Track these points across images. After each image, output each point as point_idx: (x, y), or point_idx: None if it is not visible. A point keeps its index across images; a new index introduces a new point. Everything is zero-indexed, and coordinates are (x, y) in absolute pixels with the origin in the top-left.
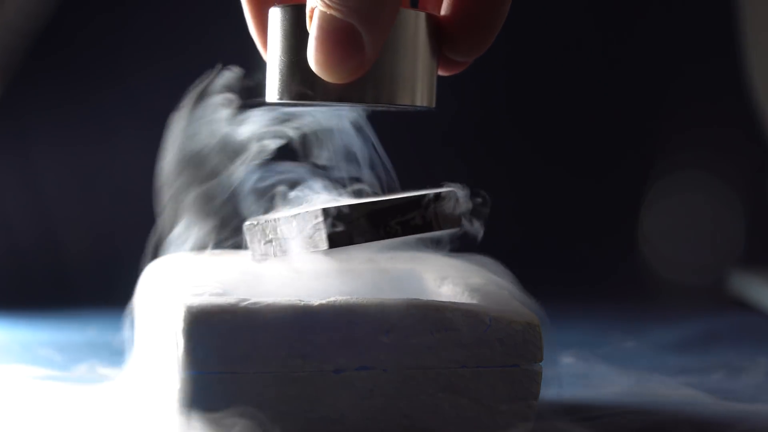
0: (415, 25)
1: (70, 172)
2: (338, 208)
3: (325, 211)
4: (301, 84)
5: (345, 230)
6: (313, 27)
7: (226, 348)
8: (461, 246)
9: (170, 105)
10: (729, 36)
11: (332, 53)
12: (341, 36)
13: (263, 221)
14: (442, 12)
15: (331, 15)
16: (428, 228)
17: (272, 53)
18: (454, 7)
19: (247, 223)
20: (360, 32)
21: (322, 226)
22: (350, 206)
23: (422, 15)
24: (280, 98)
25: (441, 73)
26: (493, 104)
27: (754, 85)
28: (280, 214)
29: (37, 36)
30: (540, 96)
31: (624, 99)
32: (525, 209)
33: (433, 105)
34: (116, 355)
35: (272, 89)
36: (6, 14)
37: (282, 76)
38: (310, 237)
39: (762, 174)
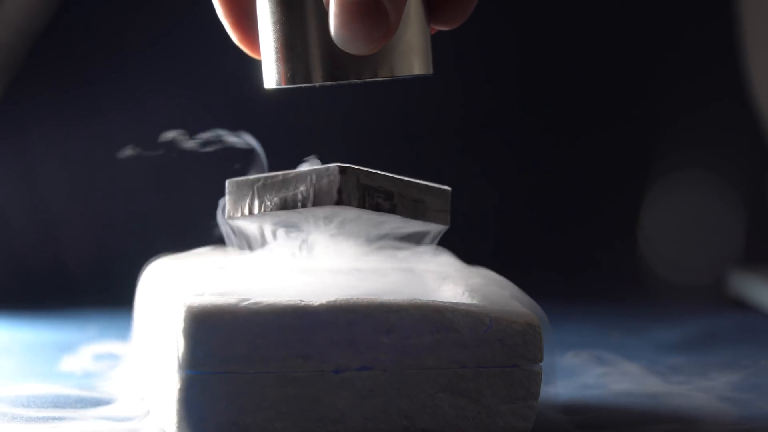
0: None
1: (70, 172)
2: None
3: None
4: (304, 67)
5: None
6: (332, 4)
7: (226, 348)
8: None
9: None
10: (729, 37)
11: (360, 27)
12: (365, 8)
13: (271, 178)
14: None
15: None
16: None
17: (266, 38)
18: None
19: (236, 180)
20: (381, 1)
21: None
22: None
23: None
24: (280, 83)
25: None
26: (494, 104)
27: (755, 84)
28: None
29: (37, 36)
30: (541, 95)
31: (624, 98)
32: (525, 209)
33: (431, 71)
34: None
35: (270, 76)
36: (6, 14)
37: (285, 61)
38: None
39: (762, 174)
